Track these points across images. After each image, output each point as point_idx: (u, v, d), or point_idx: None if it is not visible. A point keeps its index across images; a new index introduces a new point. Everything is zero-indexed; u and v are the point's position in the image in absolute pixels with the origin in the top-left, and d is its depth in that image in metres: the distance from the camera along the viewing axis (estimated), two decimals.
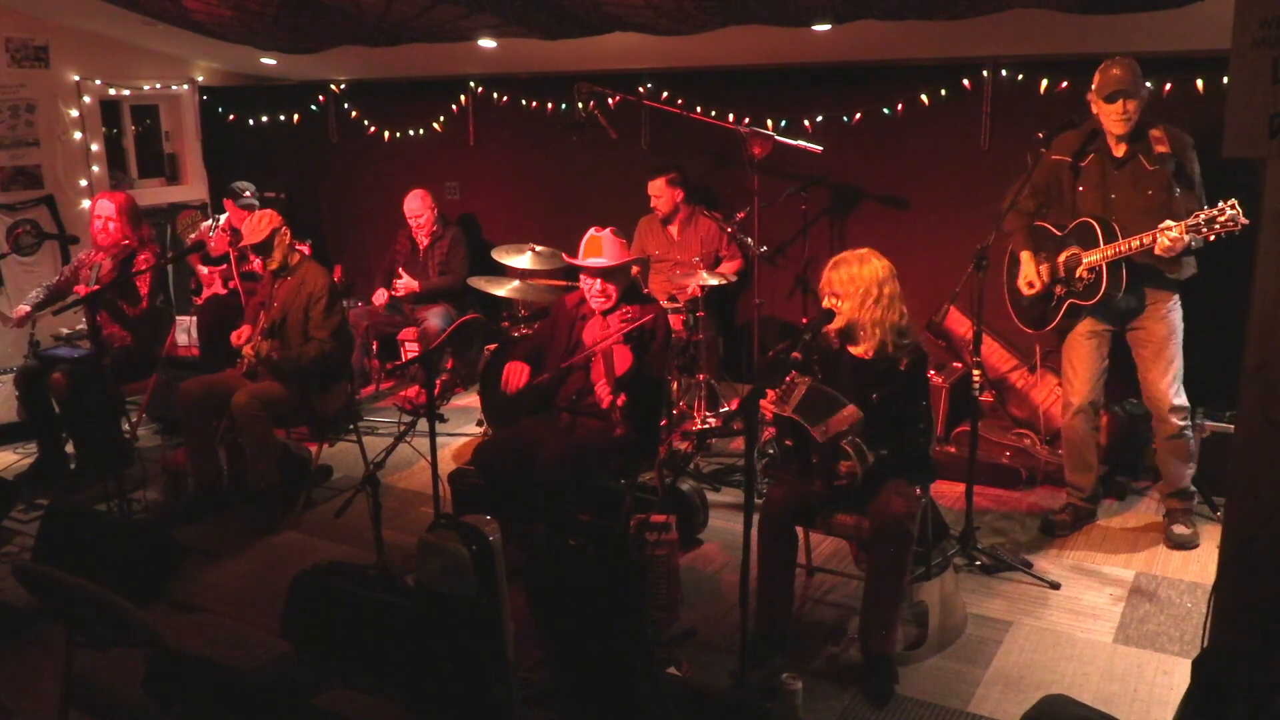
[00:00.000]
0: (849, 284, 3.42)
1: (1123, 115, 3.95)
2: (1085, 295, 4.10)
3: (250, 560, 4.34)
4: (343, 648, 3.18)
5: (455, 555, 2.73)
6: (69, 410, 5.12)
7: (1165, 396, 4.14)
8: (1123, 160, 4.05)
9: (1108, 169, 4.08)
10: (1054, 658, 3.48)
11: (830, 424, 3.24)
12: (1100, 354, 4.24)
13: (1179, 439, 4.20)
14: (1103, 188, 4.09)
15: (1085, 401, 4.28)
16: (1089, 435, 4.35)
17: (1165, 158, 3.95)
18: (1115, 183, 4.07)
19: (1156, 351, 4.12)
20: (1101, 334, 4.22)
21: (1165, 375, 4.13)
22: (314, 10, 5.26)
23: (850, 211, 5.90)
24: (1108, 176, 4.08)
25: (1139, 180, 4.01)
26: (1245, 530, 2.52)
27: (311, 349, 4.67)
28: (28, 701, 3.28)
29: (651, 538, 3.66)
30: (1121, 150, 4.05)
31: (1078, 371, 4.28)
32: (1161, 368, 4.13)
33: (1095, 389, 4.27)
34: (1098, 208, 4.08)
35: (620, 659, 2.74)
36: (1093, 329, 4.21)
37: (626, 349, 4.08)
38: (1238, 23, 2.30)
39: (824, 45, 5.39)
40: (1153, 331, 4.12)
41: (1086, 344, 4.23)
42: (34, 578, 2.73)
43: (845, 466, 3.27)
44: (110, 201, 5.20)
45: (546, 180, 6.91)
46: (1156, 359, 4.13)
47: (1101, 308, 4.10)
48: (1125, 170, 4.04)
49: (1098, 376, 4.26)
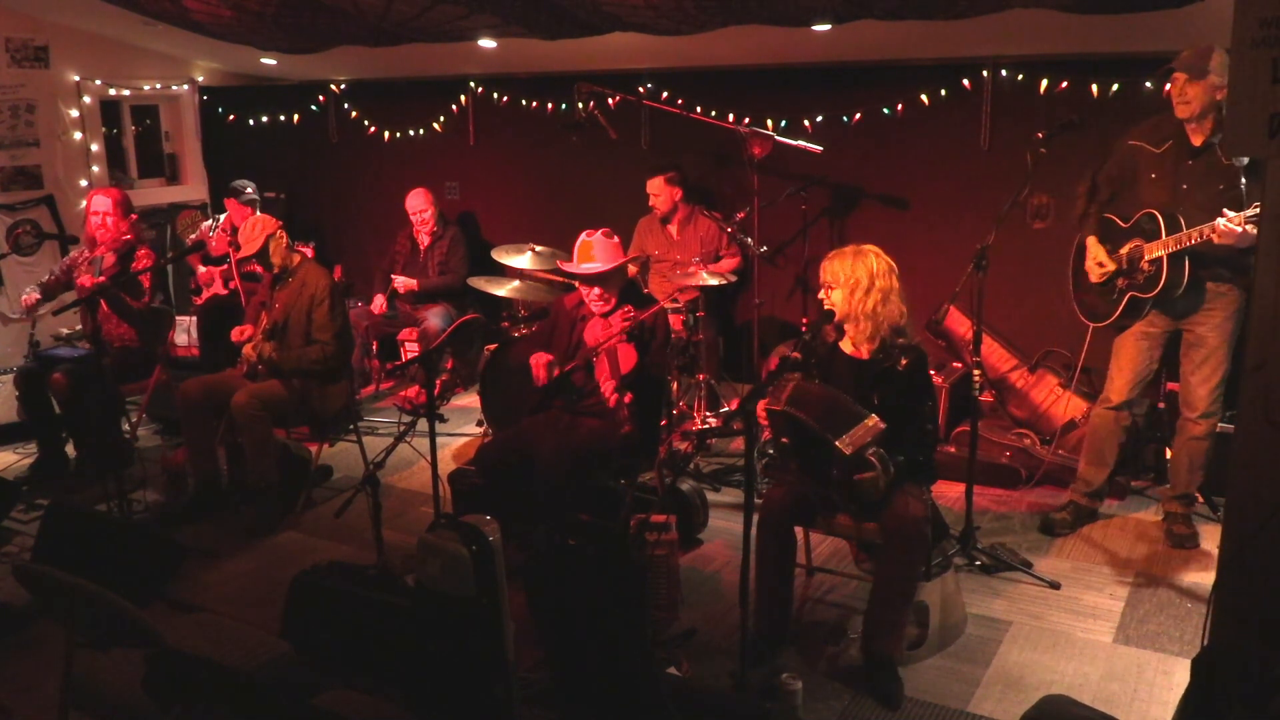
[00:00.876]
0: (839, 273, 3.40)
1: (1179, 98, 3.85)
2: (1146, 288, 4.02)
3: (250, 560, 4.34)
4: (343, 648, 3.18)
5: (455, 555, 2.73)
6: (69, 410, 5.12)
7: (1201, 400, 4.09)
8: (1198, 150, 3.92)
9: (1181, 159, 3.96)
10: (1054, 658, 3.48)
11: (855, 435, 3.18)
12: (1150, 356, 4.19)
13: (1200, 442, 4.15)
14: (1175, 176, 3.96)
15: (1122, 400, 4.24)
16: (1115, 433, 4.32)
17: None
18: (1187, 173, 3.94)
19: (1205, 354, 4.06)
20: (1155, 336, 4.16)
21: (1209, 381, 4.07)
22: (314, 10, 5.26)
23: (850, 211, 5.90)
24: (1180, 166, 3.96)
25: (1211, 172, 3.88)
26: (1245, 530, 2.52)
27: (313, 351, 4.67)
28: (28, 701, 3.28)
29: (651, 538, 3.66)
30: (1199, 140, 3.92)
31: (1122, 370, 4.23)
32: (1206, 373, 4.07)
33: (1135, 390, 4.23)
34: (1167, 197, 3.96)
35: (620, 659, 2.74)
36: (1148, 330, 4.15)
37: (630, 347, 4.08)
38: (1238, 23, 2.30)
39: (824, 45, 5.39)
40: (1204, 334, 4.05)
41: (1138, 344, 4.18)
42: (34, 578, 2.73)
43: (868, 476, 3.22)
44: (106, 197, 5.22)
45: (546, 180, 6.91)
46: (1203, 361, 4.07)
47: (1161, 301, 4.02)
48: (1200, 161, 3.92)
49: (1142, 379, 4.22)
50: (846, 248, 3.47)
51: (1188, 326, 4.10)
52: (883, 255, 3.44)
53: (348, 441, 5.33)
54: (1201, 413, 4.11)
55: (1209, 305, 4.02)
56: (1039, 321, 5.31)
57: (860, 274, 3.37)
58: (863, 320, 3.40)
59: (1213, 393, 4.09)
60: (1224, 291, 3.99)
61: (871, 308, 3.37)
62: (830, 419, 3.23)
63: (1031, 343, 5.32)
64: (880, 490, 3.24)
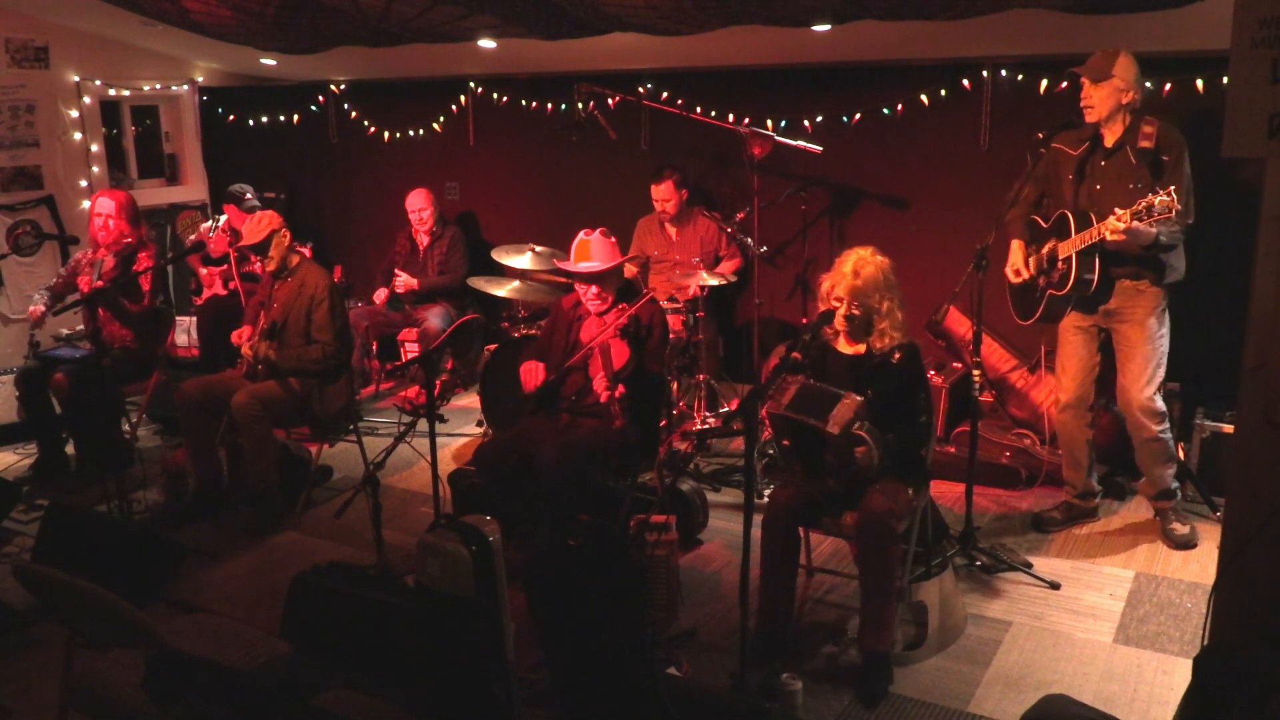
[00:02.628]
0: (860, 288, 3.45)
1: (1084, 99, 3.96)
2: (1059, 285, 4.08)
3: (250, 560, 4.34)
4: (343, 648, 3.18)
5: (455, 555, 2.73)
6: (70, 411, 5.12)
7: (1134, 399, 4.10)
8: (1111, 150, 4.02)
9: (1096, 159, 4.06)
10: (1054, 658, 3.48)
11: (837, 415, 3.24)
12: (1089, 350, 4.23)
13: (1154, 443, 4.16)
14: (1091, 178, 4.07)
15: (1073, 397, 4.28)
16: (1080, 432, 4.34)
17: (1146, 152, 3.92)
18: (1101, 173, 4.04)
19: (1129, 353, 4.10)
20: (1089, 329, 4.21)
21: (1138, 379, 4.08)
22: (314, 11, 5.26)
23: (850, 211, 5.90)
24: (1095, 166, 4.06)
25: (1123, 172, 3.97)
26: (1245, 530, 2.52)
27: (314, 351, 4.67)
28: (28, 701, 3.29)
29: (651, 538, 3.66)
30: (1111, 140, 4.02)
31: (1066, 368, 4.29)
32: (1134, 371, 4.09)
33: (1084, 385, 4.26)
34: (1084, 197, 4.06)
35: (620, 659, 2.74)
36: (1079, 324, 4.21)
37: (624, 344, 4.08)
38: (1238, 23, 2.30)
39: (824, 45, 5.39)
40: (1126, 333, 4.10)
41: (1074, 339, 4.24)
42: (34, 578, 2.73)
43: (862, 450, 3.27)
44: (110, 200, 5.22)
45: (546, 180, 6.91)
46: (1129, 360, 4.10)
47: (1075, 299, 4.06)
48: (1112, 161, 4.02)
49: (1086, 372, 4.25)
50: (846, 256, 3.52)
51: (1113, 325, 4.14)
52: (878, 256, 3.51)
53: (348, 442, 5.33)
54: (1141, 410, 4.10)
55: (1129, 303, 4.06)
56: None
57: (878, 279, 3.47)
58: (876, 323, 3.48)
59: (1146, 388, 4.08)
60: (1143, 289, 4.03)
61: (889, 308, 3.47)
62: (811, 406, 3.30)
63: (1031, 343, 5.31)
64: (876, 464, 3.28)
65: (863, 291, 3.45)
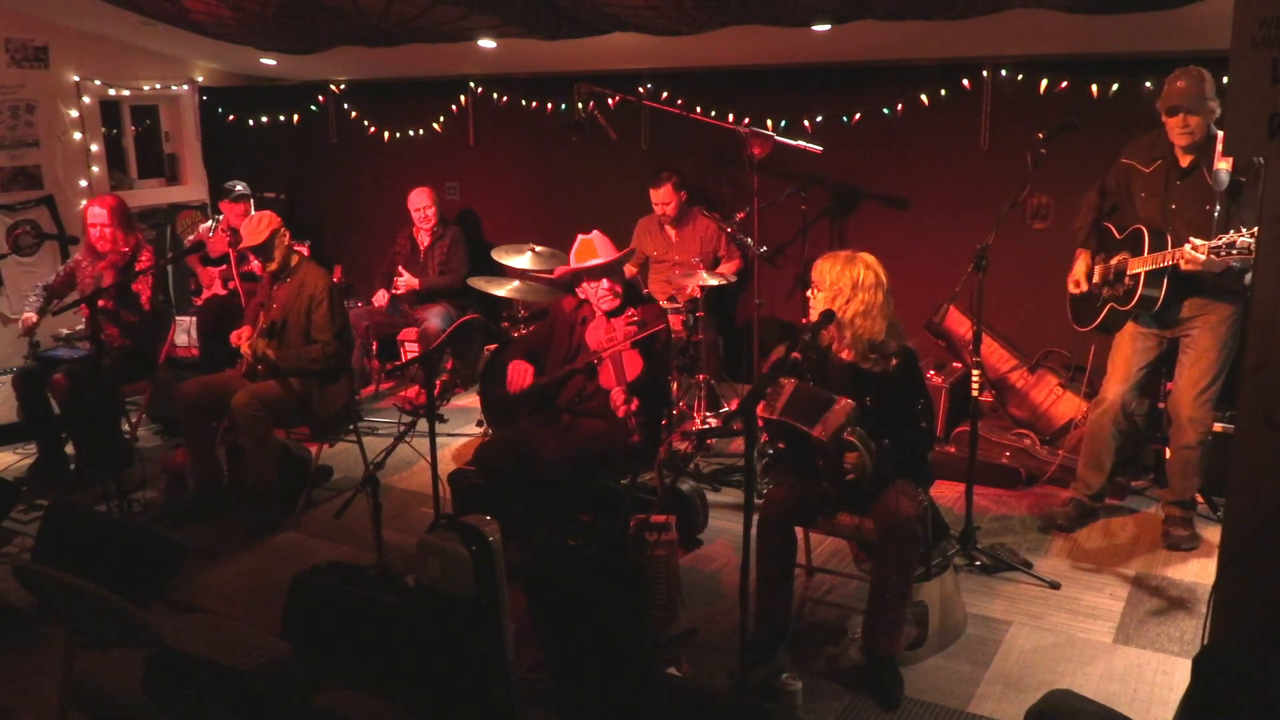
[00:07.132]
0: (825, 276, 3.39)
1: (1183, 129, 3.91)
2: (1123, 300, 4.10)
3: (250, 560, 4.34)
4: (343, 648, 3.18)
5: (455, 555, 2.73)
6: (69, 411, 5.11)
7: (1186, 404, 4.10)
8: (1186, 171, 3.99)
9: (1171, 178, 4.03)
10: (1054, 658, 3.48)
11: (827, 421, 3.23)
12: (1143, 358, 4.21)
13: (1190, 450, 4.16)
14: (1164, 196, 4.03)
15: (1115, 398, 4.25)
16: (1111, 435, 4.31)
17: (1222, 174, 3.88)
18: (1176, 193, 4.01)
19: (1194, 360, 4.08)
20: (1148, 337, 4.19)
21: (1195, 385, 4.08)
22: (314, 10, 5.26)
23: (850, 211, 5.90)
24: (1170, 186, 4.03)
25: (1200, 193, 3.94)
26: (1245, 530, 2.52)
27: (314, 350, 4.67)
28: (28, 701, 3.29)
29: (651, 538, 3.66)
30: (1187, 161, 3.98)
31: (1115, 369, 4.27)
32: (1194, 377, 4.08)
33: (1126, 389, 4.24)
34: (1157, 216, 4.04)
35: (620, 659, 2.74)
36: (1140, 331, 4.19)
37: (636, 353, 4.08)
38: (1238, 23, 2.30)
39: (824, 45, 5.39)
40: (1197, 340, 4.08)
41: (1130, 345, 4.22)
42: (34, 578, 2.73)
43: (853, 458, 3.24)
44: (101, 207, 5.15)
45: (546, 180, 6.91)
46: (1192, 366, 4.09)
47: (1137, 314, 4.09)
48: (1188, 181, 3.98)
49: (1134, 378, 4.23)
50: (841, 252, 3.44)
51: (1182, 332, 4.13)
52: (874, 267, 3.38)
53: (348, 442, 5.33)
54: (1188, 417, 4.11)
55: (1203, 310, 4.05)
56: (1039, 321, 5.31)
57: (844, 282, 3.34)
58: (842, 327, 3.39)
59: (1199, 395, 4.08)
60: (1215, 307, 4.03)
61: (850, 317, 3.35)
62: (803, 410, 3.28)
63: (1031, 343, 5.32)
64: (868, 469, 3.24)
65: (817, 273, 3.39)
